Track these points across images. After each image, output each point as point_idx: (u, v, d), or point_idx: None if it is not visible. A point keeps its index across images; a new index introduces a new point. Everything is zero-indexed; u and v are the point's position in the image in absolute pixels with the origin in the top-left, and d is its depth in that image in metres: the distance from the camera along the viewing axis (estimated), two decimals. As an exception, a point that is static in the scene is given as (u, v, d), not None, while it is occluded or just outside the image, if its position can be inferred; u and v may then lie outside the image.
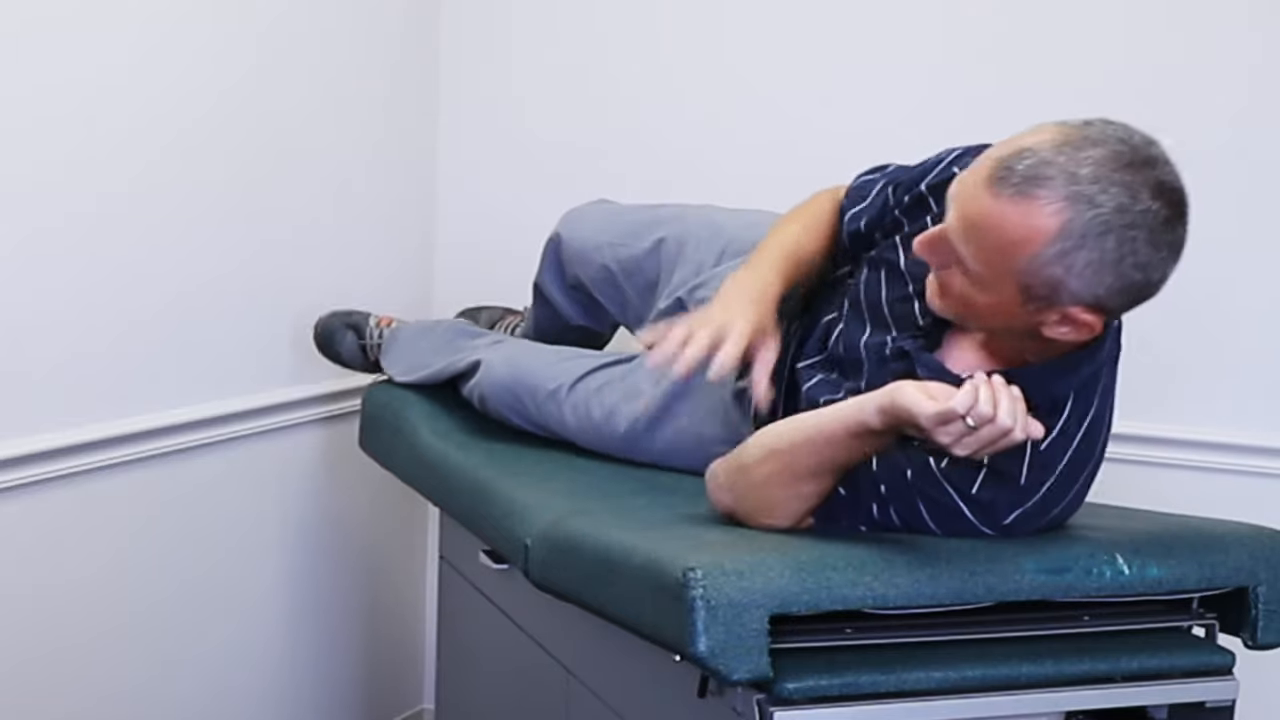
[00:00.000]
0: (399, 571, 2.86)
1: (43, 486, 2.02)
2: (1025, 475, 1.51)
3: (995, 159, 1.40)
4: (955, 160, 1.66)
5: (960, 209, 1.42)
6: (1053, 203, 1.37)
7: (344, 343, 2.38)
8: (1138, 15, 2.30)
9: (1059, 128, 1.41)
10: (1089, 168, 1.37)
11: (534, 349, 2.16)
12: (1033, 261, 1.40)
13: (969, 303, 1.48)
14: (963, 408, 1.34)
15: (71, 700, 2.11)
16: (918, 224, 1.65)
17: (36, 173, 1.97)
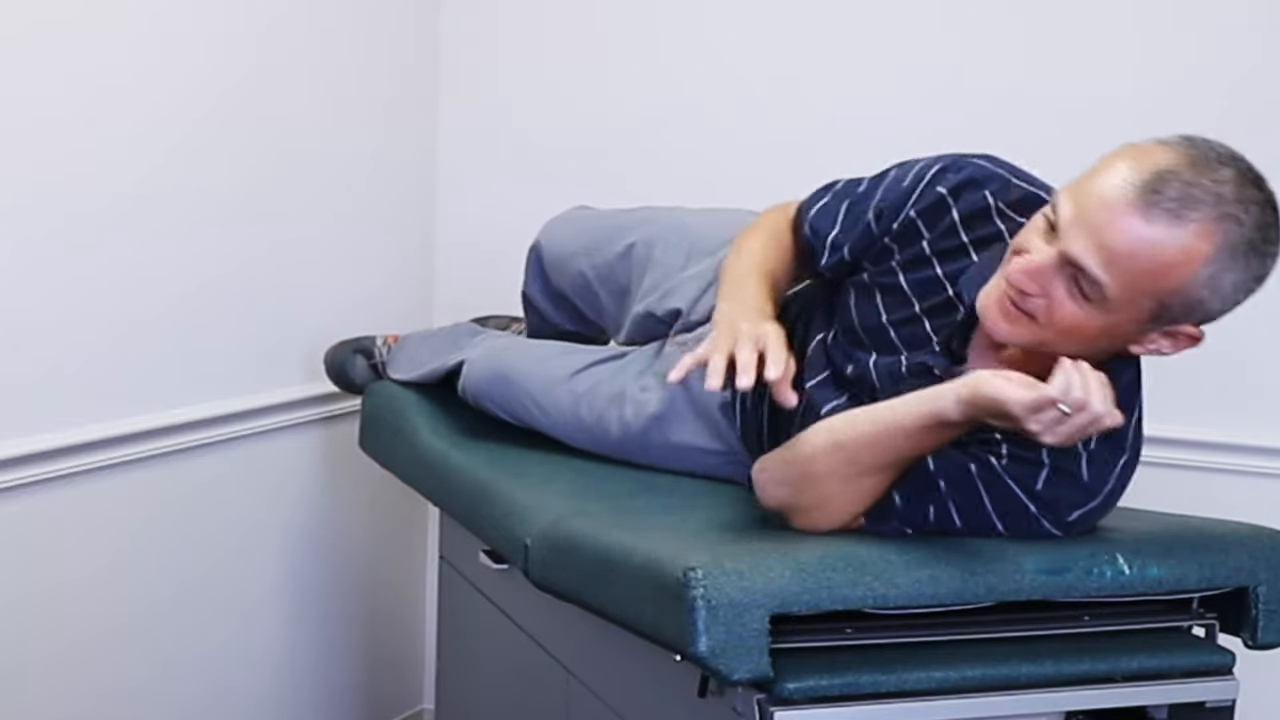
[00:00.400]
0: (399, 571, 2.86)
1: (43, 486, 2.02)
2: (1087, 473, 1.52)
3: (1135, 184, 1.37)
4: (936, 179, 1.63)
5: (1100, 237, 1.39)
6: (1206, 224, 1.37)
7: (356, 369, 2.39)
8: (1144, 16, 2.30)
9: (1176, 147, 1.40)
10: (1229, 187, 1.38)
11: (520, 346, 2.16)
12: (1184, 284, 1.40)
13: (1074, 328, 1.45)
14: (1059, 393, 1.34)
15: (71, 700, 2.11)
16: (912, 249, 1.63)
17: (38, 174, 1.97)
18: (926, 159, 1.67)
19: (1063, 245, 1.41)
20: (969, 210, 1.61)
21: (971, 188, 1.61)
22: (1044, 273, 1.43)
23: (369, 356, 2.38)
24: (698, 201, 2.20)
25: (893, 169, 1.71)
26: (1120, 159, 1.41)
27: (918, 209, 1.64)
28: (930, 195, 1.63)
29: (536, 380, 2.04)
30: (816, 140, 2.50)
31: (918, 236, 1.64)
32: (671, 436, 1.90)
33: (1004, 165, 1.64)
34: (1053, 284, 1.43)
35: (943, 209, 1.62)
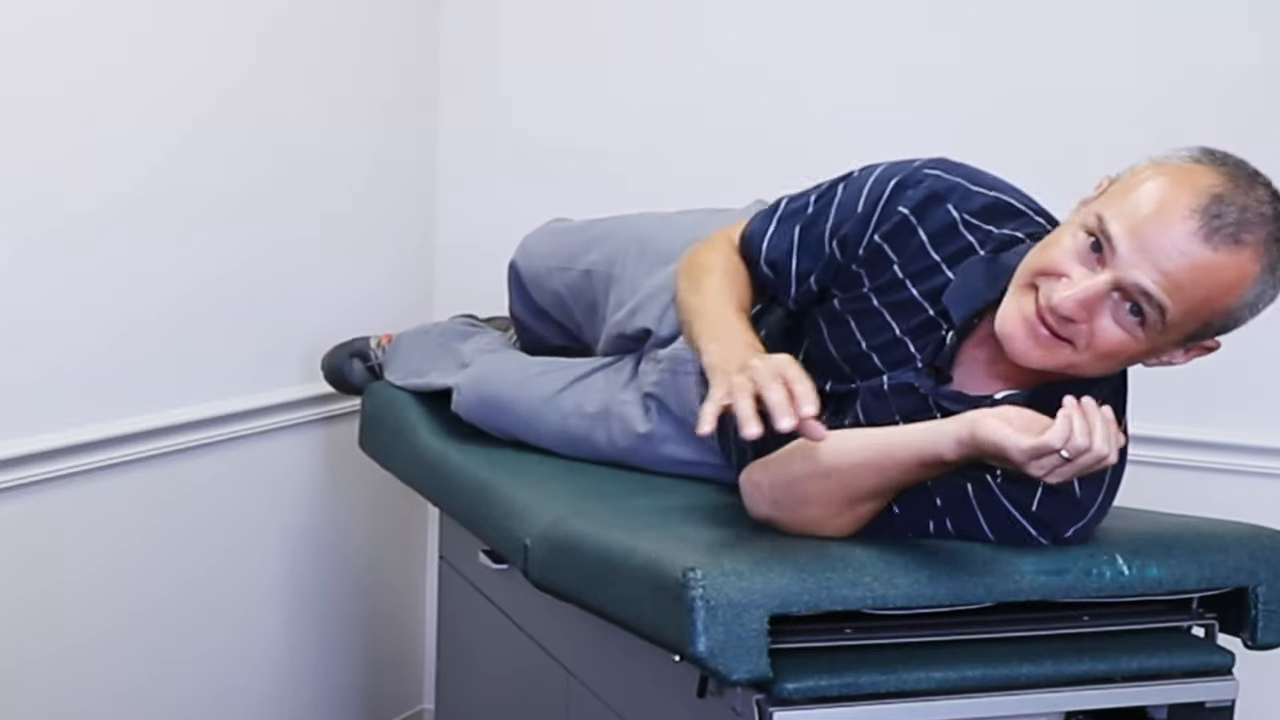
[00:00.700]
0: (399, 571, 2.86)
1: (43, 486, 2.02)
2: (1080, 490, 1.51)
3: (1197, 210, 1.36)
4: (894, 198, 1.59)
5: (1164, 264, 1.37)
6: (1260, 245, 1.38)
7: (353, 372, 2.39)
8: (1143, 16, 2.30)
9: (1213, 167, 1.40)
10: (1268, 205, 1.39)
11: (504, 365, 2.15)
12: (1233, 304, 1.41)
13: (1116, 353, 1.43)
14: (1059, 443, 1.32)
15: (71, 700, 2.11)
16: (883, 275, 1.60)
17: (38, 174, 1.97)
18: (875, 173, 1.63)
19: (1120, 273, 1.39)
20: (936, 228, 1.57)
21: (933, 203, 1.58)
22: (1095, 299, 1.40)
23: (365, 359, 2.39)
24: (697, 201, 2.20)
25: (839, 185, 1.66)
26: (1164, 180, 1.40)
27: (882, 233, 1.60)
28: (893, 216, 1.59)
29: (522, 403, 2.04)
30: (817, 140, 2.50)
31: (887, 261, 1.60)
32: (660, 450, 1.90)
33: (958, 171, 1.61)
34: (1098, 309, 1.41)
35: (908, 230, 1.59)
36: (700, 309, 1.63)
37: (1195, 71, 2.26)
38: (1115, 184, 1.46)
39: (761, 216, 1.72)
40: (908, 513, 1.53)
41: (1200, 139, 2.12)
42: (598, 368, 2.02)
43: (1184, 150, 1.43)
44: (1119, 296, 1.40)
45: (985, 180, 1.60)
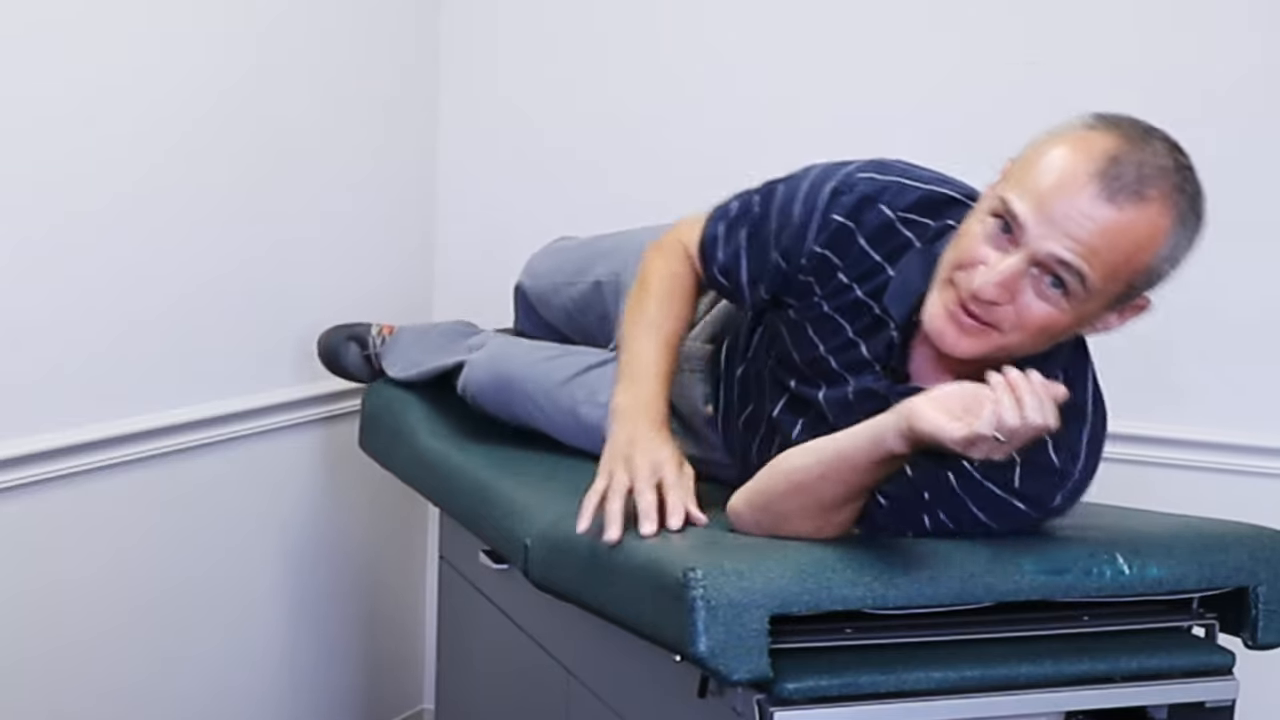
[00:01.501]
0: (399, 571, 2.86)
1: (43, 486, 2.02)
2: (1056, 457, 1.51)
3: (1093, 173, 1.38)
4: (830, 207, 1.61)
5: (1073, 231, 1.38)
6: (1164, 198, 1.40)
7: (348, 356, 2.39)
8: (1140, 15, 2.30)
9: (1107, 130, 1.41)
10: (1166, 158, 1.41)
11: (521, 347, 2.16)
12: (1151, 260, 1.41)
13: (1046, 327, 1.44)
14: (988, 429, 1.32)
15: (71, 700, 2.11)
16: (831, 281, 1.62)
17: (38, 174, 1.97)
18: (810, 179, 1.66)
19: (1033, 248, 1.40)
20: (872, 230, 1.59)
21: (867, 206, 1.60)
22: (1014, 279, 1.42)
23: (363, 345, 2.38)
24: (697, 201, 2.20)
25: (779, 186, 1.69)
26: (1060, 150, 1.41)
27: (821, 243, 1.62)
28: (830, 225, 1.61)
29: (538, 382, 2.04)
30: (817, 139, 2.48)
31: (832, 268, 1.62)
32: None
33: (891, 170, 1.62)
34: (1020, 288, 1.42)
35: (847, 236, 1.61)
36: (630, 339, 1.73)
37: (1194, 71, 2.26)
38: (1015, 164, 1.46)
39: (715, 219, 1.75)
40: (899, 511, 1.54)
41: (1200, 137, 2.13)
42: (611, 359, 2.02)
43: (1077, 119, 1.45)
44: (1038, 272, 1.41)
45: (919, 175, 1.62)
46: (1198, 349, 2.29)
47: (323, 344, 2.41)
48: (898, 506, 1.53)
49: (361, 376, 2.40)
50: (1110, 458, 2.34)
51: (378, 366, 2.36)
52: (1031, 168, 1.42)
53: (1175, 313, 2.29)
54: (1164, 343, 2.30)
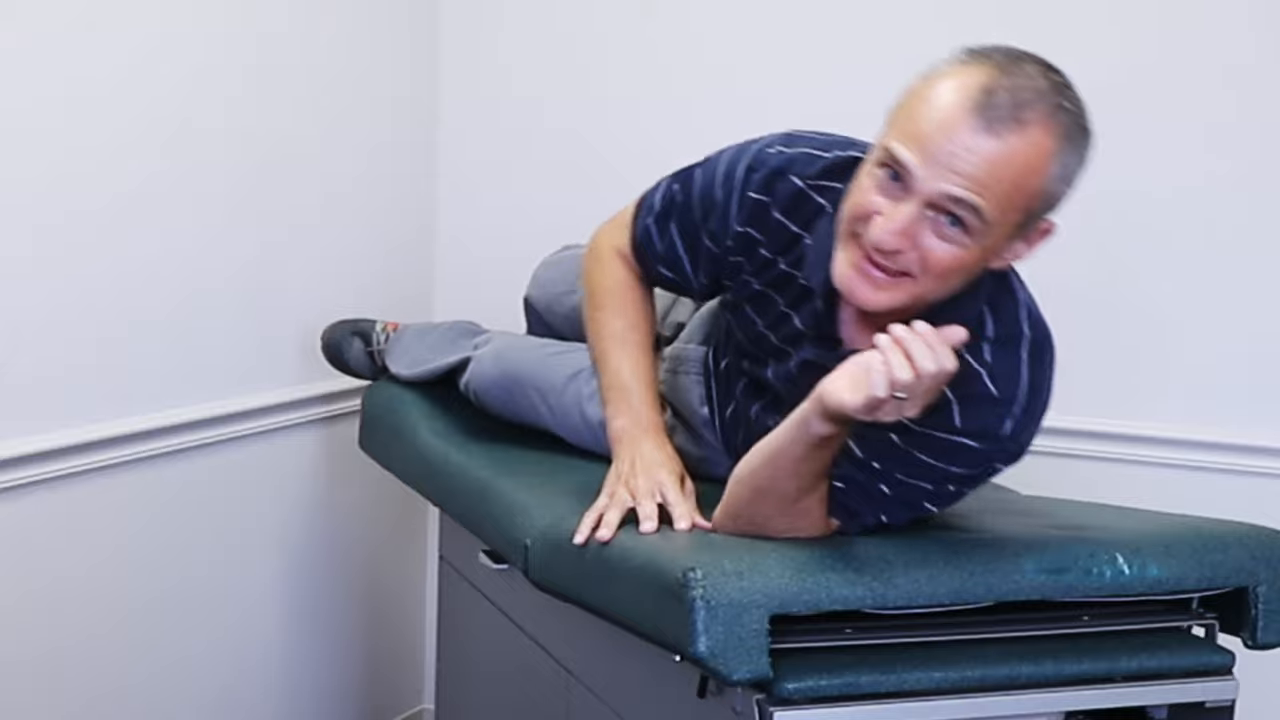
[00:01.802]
0: (399, 571, 2.86)
1: (43, 486, 2.02)
2: (995, 388, 1.50)
3: (968, 107, 1.38)
4: (744, 185, 1.64)
5: (959, 166, 1.39)
6: (1043, 119, 1.40)
7: (351, 351, 2.39)
8: (1128, 12, 2.31)
9: (977, 63, 1.42)
10: (1042, 80, 1.41)
11: (525, 344, 2.17)
12: (1043, 183, 1.42)
13: (953, 267, 1.44)
14: (883, 390, 1.34)
15: (71, 700, 2.11)
16: (755, 257, 1.65)
17: (39, 175, 1.97)
18: (725, 160, 1.69)
19: (924, 190, 1.41)
20: (786, 201, 1.62)
21: (777, 179, 1.63)
22: (911, 224, 1.42)
23: (366, 342, 2.38)
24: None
25: (696, 171, 1.73)
26: (934, 89, 1.42)
27: (742, 221, 1.65)
28: (747, 203, 1.65)
29: (543, 378, 2.05)
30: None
31: (755, 243, 1.65)
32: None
33: (799, 141, 1.64)
34: (920, 233, 1.43)
35: (763, 210, 1.64)
36: (603, 358, 1.78)
37: (1187, 62, 2.26)
38: (894, 111, 1.47)
39: (641, 216, 1.78)
40: (859, 489, 1.54)
41: (1176, 137, 2.13)
42: None
43: (947, 57, 1.46)
44: (933, 213, 1.42)
45: (826, 142, 1.63)
46: (1198, 348, 2.29)
47: (326, 338, 2.41)
48: (856, 485, 1.54)
49: (364, 372, 2.40)
50: (1109, 457, 2.35)
51: (381, 363, 2.36)
52: (910, 112, 1.44)
53: (1173, 312, 2.30)
54: (1163, 343, 2.30)
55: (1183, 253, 2.28)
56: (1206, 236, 2.27)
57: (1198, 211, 2.28)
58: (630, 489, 1.62)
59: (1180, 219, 2.28)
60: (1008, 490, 1.96)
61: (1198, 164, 2.27)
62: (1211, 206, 2.27)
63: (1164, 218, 2.29)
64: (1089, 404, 2.31)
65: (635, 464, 1.66)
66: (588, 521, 1.59)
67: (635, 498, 1.61)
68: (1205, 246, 2.27)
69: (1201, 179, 2.27)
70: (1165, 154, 2.28)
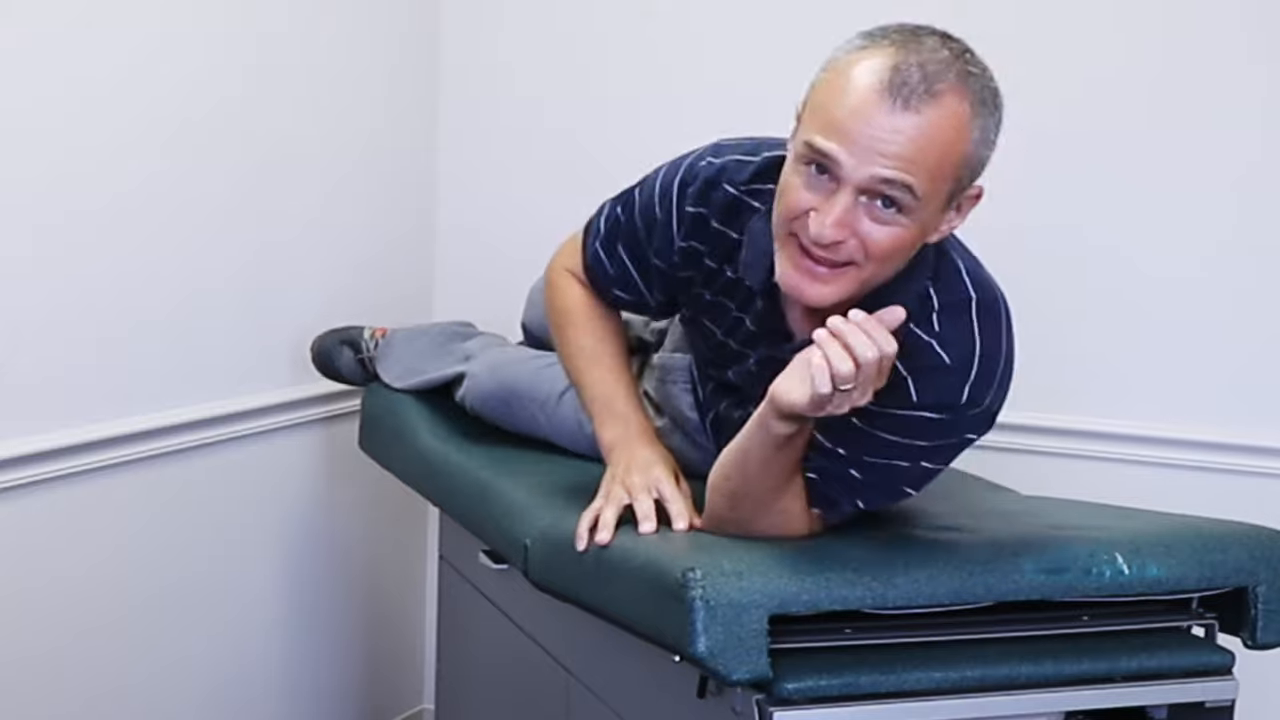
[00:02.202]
0: (399, 571, 2.86)
1: (43, 486, 2.02)
2: (948, 356, 1.50)
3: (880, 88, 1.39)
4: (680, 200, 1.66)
5: (883, 149, 1.39)
6: (954, 88, 1.41)
7: (342, 359, 2.39)
8: (1130, 15, 2.31)
9: (877, 46, 1.43)
10: (944, 50, 1.43)
11: (518, 355, 2.17)
12: (967, 149, 1.43)
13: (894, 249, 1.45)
14: (826, 386, 1.35)
15: (70, 700, 2.11)
16: (700, 268, 1.67)
17: (38, 175, 1.97)
18: (660, 178, 1.71)
19: (855, 177, 1.41)
20: (721, 210, 1.64)
21: (711, 189, 1.64)
22: (848, 214, 1.43)
23: (356, 349, 2.38)
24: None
25: (635, 192, 1.75)
26: (842, 77, 1.43)
27: (683, 235, 1.67)
28: (685, 218, 1.66)
29: (538, 390, 2.06)
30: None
31: (699, 255, 1.67)
32: (666, 442, 1.91)
33: (727, 150, 1.66)
34: (857, 221, 1.43)
35: (702, 222, 1.65)
36: (580, 375, 1.80)
37: (1184, 61, 2.26)
38: (805, 107, 1.48)
39: (590, 242, 1.81)
40: (832, 478, 1.54)
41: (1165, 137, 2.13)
42: None
43: (844, 45, 1.47)
44: (866, 199, 1.42)
45: (752, 147, 1.64)
46: (1201, 349, 2.29)
47: (316, 349, 2.41)
48: (828, 474, 1.54)
49: (356, 380, 2.40)
50: (1109, 457, 2.35)
51: (372, 370, 2.36)
52: (822, 102, 1.44)
53: (1173, 312, 2.30)
54: (1164, 343, 2.30)
55: (1183, 253, 2.28)
56: (1207, 236, 2.27)
57: (1198, 211, 2.28)
58: (626, 486, 1.63)
59: (1181, 219, 2.28)
60: (1008, 490, 1.96)
61: (1198, 163, 2.27)
62: (1211, 206, 2.27)
63: (1165, 217, 2.29)
64: (1089, 404, 2.31)
65: (630, 465, 1.67)
66: (585, 523, 1.59)
67: (631, 494, 1.61)
68: (1205, 246, 2.27)
69: (1201, 179, 2.27)
70: (1163, 153, 2.28)
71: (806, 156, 1.44)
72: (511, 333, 2.36)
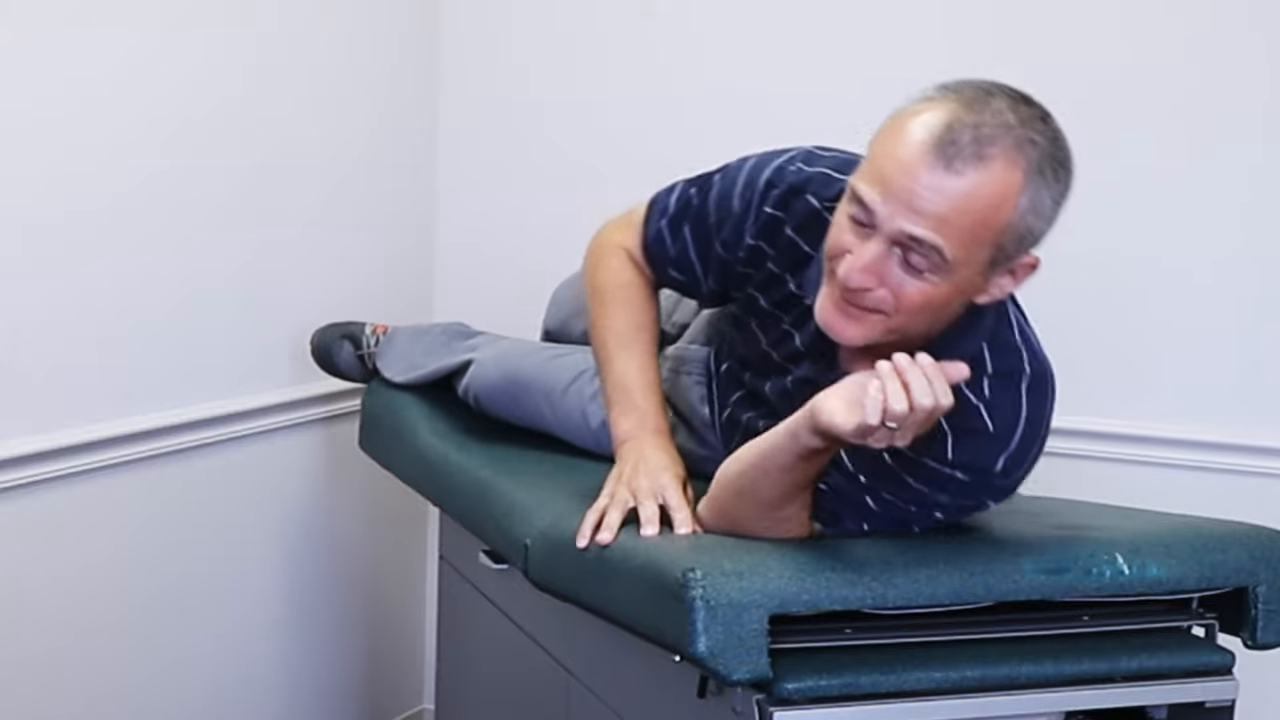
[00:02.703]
0: (399, 571, 2.86)
1: (43, 486, 2.02)
2: (991, 421, 1.50)
3: (928, 144, 1.38)
4: (762, 199, 1.65)
5: (918, 205, 1.39)
6: (1008, 154, 1.39)
7: (341, 354, 2.38)
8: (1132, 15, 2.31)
9: (943, 99, 1.42)
10: (1009, 114, 1.40)
11: (524, 348, 2.17)
12: (1010, 218, 1.41)
13: (925, 304, 1.44)
14: (875, 418, 1.34)
15: (70, 700, 2.11)
16: (761, 271, 1.66)
17: (38, 175, 1.97)
18: (746, 171, 1.68)
19: (886, 228, 1.41)
20: (800, 220, 1.62)
21: (794, 197, 1.63)
22: (877, 263, 1.42)
23: (356, 345, 2.38)
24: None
25: (715, 178, 1.72)
26: (898, 127, 1.42)
27: (754, 234, 1.65)
28: (762, 217, 1.65)
29: (545, 381, 2.06)
30: (819, 140, 2.49)
31: (764, 257, 1.66)
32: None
33: (820, 160, 1.64)
34: (888, 271, 1.43)
35: (777, 226, 1.64)
36: (607, 360, 1.77)
37: (1187, 64, 2.26)
38: (869, 148, 1.47)
39: (654, 218, 1.78)
40: (843, 496, 1.54)
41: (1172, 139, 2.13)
42: None
43: (916, 93, 1.45)
44: (900, 252, 1.42)
45: (845, 164, 1.62)
46: (1201, 349, 2.29)
47: (315, 342, 2.41)
48: (843, 494, 1.54)
49: (354, 376, 2.40)
50: (1108, 457, 2.35)
51: (371, 367, 2.35)
52: (877, 151, 1.44)
53: (1173, 312, 2.30)
54: (1163, 343, 2.30)
55: (1183, 253, 2.28)
56: (1207, 236, 2.27)
57: (1199, 211, 2.28)
58: (632, 489, 1.62)
59: (1183, 218, 2.28)
60: (1008, 490, 1.96)
61: (1199, 165, 2.27)
62: (1211, 206, 2.27)
63: (1167, 217, 2.29)
64: (1089, 404, 2.31)
65: (639, 466, 1.66)
66: (589, 522, 1.59)
67: (637, 498, 1.61)
68: (1206, 248, 2.27)
69: (1198, 179, 2.27)
70: (1167, 155, 2.28)
71: (852, 198, 1.45)
72: (512, 333, 2.36)
